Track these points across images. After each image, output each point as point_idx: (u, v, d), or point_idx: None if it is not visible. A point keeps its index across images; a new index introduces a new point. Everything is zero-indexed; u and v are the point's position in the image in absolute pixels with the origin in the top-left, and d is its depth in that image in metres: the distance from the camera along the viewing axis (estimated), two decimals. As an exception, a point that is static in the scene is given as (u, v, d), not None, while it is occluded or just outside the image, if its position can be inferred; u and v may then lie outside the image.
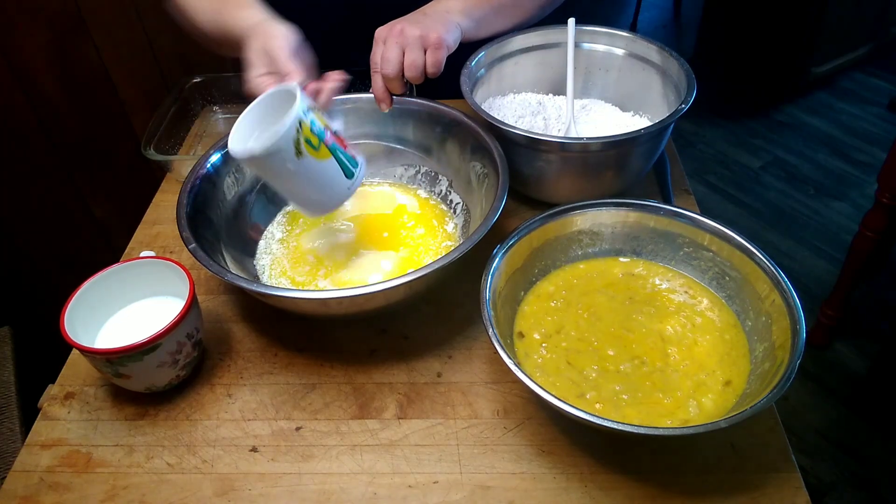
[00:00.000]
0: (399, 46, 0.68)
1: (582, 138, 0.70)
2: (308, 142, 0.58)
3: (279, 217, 0.78)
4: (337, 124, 0.68)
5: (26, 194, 1.41)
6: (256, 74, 0.63)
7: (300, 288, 0.69)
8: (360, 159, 0.64)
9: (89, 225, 1.50)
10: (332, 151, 0.60)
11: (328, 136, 0.60)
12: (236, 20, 0.71)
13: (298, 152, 0.57)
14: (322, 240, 0.74)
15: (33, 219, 1.45)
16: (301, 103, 0.57)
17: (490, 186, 0.68)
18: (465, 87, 0.76)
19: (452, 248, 0.63)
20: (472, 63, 0.80)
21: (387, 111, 0.73)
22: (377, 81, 0.70)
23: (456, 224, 0.75)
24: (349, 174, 0.62)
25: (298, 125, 0.57)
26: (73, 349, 0.62)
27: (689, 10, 3.17)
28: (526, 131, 0.70)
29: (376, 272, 0.69)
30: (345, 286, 0.68)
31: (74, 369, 0.65)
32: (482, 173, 0.71)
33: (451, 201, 0.77)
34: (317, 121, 0.59)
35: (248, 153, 0.57)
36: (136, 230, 0.82)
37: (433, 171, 0.79)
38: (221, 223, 0.70)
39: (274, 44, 0.63)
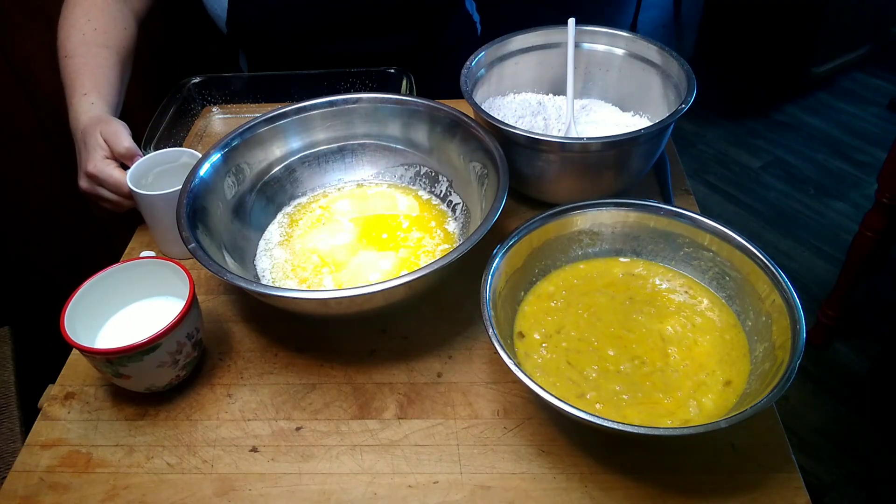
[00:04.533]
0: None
1: (582, 138, 0.70)
2: None
3: (279, 217, 0.78)
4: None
5: (26, 194, 1.41)
6: (101, 156, 0.74)
7: (302, 287, 0.69)
8: None
9: (89, 225, 1.50)
10: None
11: None
12: (82, 100, 0.80)
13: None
14: (322, 240, 0.74)
15: (33, 219, 1.44)
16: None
17: (490, 186, 0.68)
18: (464, 87, 0.76)
19: (452, 248, 0.63)
20: (472, 63, 0.80)
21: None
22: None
23: (456, 224, 0.75)
24: None
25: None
26: (73, 349, 0.62)
27: (689, 10, 3.17)
28: (526, 131, 0.70)
29: (376, 273, 0.69)
30: (345, 287, 0.68)
31: (74, 369, 0.65)
32: (482, 173, 0.71)
33: (451, 202, 0.77)
34: None
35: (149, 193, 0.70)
36: (136, 230, 0.82)
37: (433, 172, 0.79)
38: (221, 223, 0.70)
39: (115, 131, 0.74)
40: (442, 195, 0.78)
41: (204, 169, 0.70)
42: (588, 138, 0.70)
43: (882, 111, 2.46)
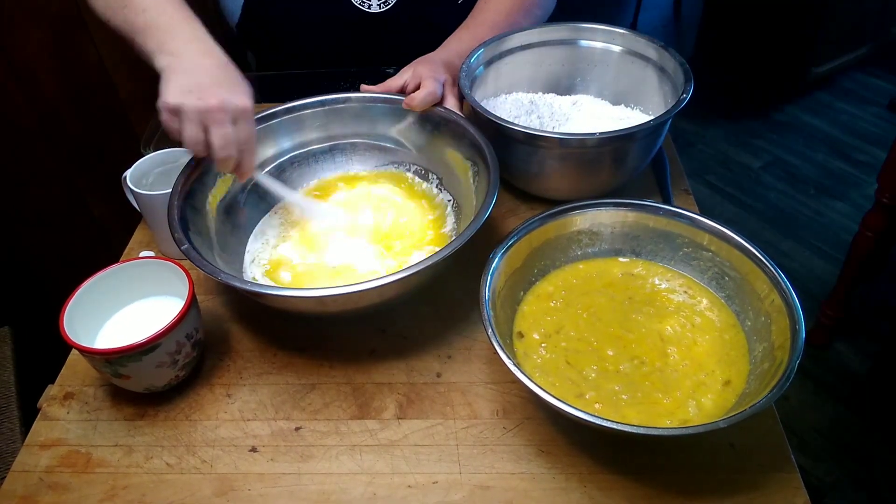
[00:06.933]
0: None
1: (580, 134, 0.70)
2: None
3: (271, 216, 0.78)
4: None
5: (26, 194, 1.41)
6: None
7: (300, 287, 0.68)
8: None
9: (89, 225, 1.50)
10: None
11: None
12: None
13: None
14: (314, 238, 0.74)
15: (33, 219, 1.44)
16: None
17: (481, 183, 0.68)
18: (463, 85, 0.76)
19: (443, 245, 0.62)
20: (471, 61, 0.80)
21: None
22: None
23: (447, 221, 0.75)
24: None
25: None
26: (73, 349, 0.62)
27: (689, 10, 3.16)
28: (525, 127, 0.70)
29: (368, 270, 0.69)
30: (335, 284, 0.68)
31: (74, 369, 0.65)
32: (473, 171, 0.71)
33: (443, 199, 0.77)
34: None
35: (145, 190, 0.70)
36: (135, 230, 0.82)
37: (423, 170, 0.79)
38: (213, 223, 0.70)
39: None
40: (433, 192, 0.78)
41: (195, 169, 0.70)
42: (586, 134, 0.70)
43: (882, 111, 2.46)
